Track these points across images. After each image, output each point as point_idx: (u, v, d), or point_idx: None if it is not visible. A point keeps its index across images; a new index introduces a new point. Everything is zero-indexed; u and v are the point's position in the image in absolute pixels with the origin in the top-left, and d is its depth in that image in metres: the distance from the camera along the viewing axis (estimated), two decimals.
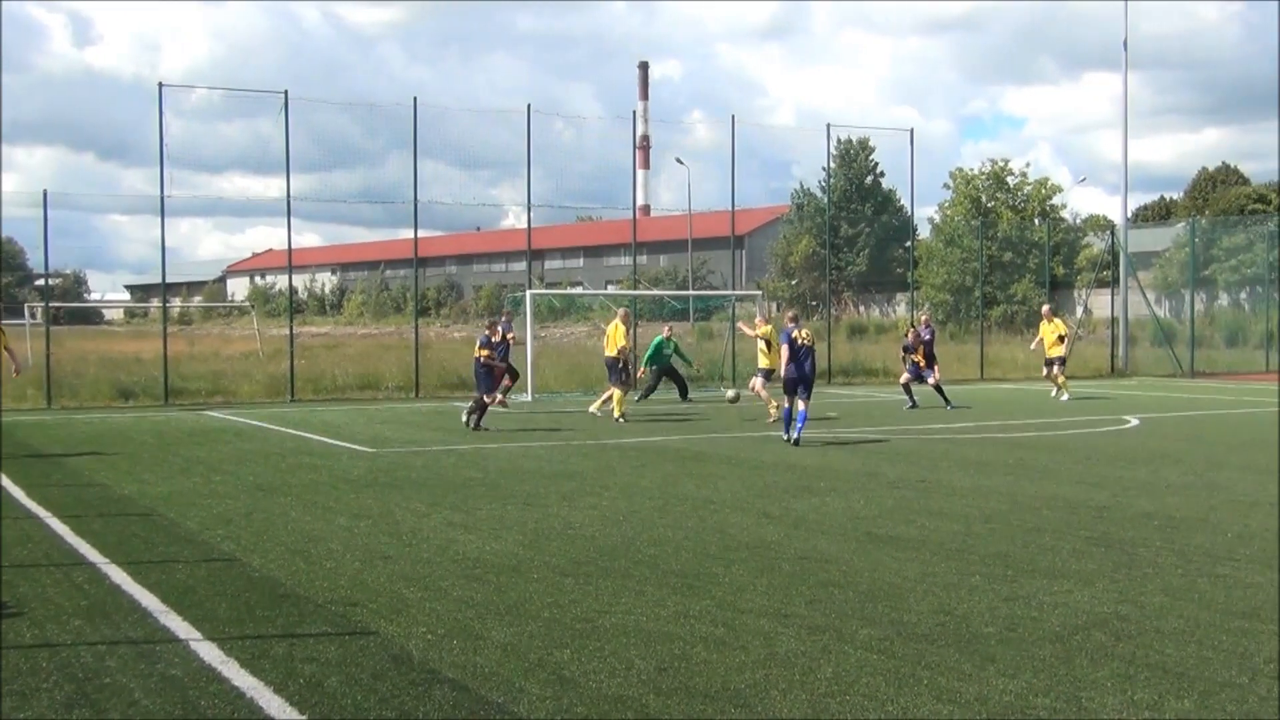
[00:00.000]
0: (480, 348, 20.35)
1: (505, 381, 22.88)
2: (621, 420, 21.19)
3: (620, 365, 22.46)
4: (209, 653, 6.59)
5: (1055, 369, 26.86)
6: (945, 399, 24.34)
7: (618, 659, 6.46)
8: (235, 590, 8.13)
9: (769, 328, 21.15)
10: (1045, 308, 28.69)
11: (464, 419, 20.28)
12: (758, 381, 21.20)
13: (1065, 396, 26.43)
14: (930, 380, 24.63)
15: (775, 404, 20.96)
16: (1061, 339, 27.05)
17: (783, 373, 18.04)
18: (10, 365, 16.51)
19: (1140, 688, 5.95)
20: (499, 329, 21.68)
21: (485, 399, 20.03)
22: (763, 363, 20.98)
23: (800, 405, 17.68)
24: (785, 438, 17.67)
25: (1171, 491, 12.61)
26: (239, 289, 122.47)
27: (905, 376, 25.13)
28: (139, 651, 6.66)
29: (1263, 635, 6.88)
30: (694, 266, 77.35)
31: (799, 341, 17.88)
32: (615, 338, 22.72)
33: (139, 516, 11.33)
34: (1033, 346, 29.27)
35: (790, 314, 19.23)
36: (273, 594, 8.04)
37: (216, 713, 5.65)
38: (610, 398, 21.95)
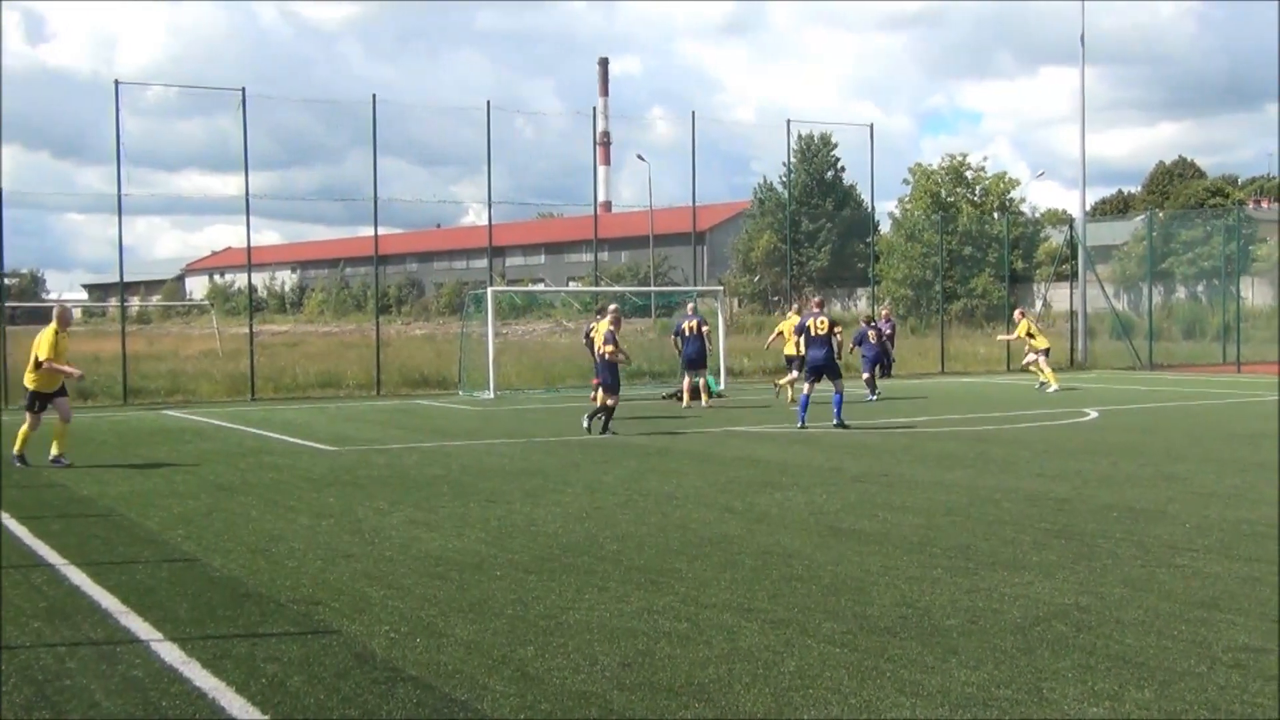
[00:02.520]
0: (605, 343, 18.90)
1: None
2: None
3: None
4: (170, 653, 6.55)
5: (1041, 359, 27.61)
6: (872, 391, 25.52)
7: (582, 655, 6.46)
8: (196, 590, 8.08)
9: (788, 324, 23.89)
10: (1018, 310, 29.67)
11: (584, 424, 18.68)
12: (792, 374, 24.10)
13: (1053, 387, 27.07)
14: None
15: (782, 384, 24.58)
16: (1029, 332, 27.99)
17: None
18: (75, 371, 15.95)
19: (1101, 678, 5.99)
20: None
21: (610, 401, 18.55)
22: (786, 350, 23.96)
23: (806, 389, 19.18)
24: (798, 425, 18.74)
25: (1131, 483, 12.72)
26: (198, 288, 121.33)
27: (865, 374, 25.52)
28: (99, 653, 6.61)
29: (1221, 625, 6.95)
30: (655, 262, 77.41)
31: (813, 330, 19.04)
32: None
33: (99, 517, 11.23)
34: (1011, 336, 29.87)
35: (816, 300, 20.36)
36: (234, 594, 7.99)
37: (178, 713, 5.61)
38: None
